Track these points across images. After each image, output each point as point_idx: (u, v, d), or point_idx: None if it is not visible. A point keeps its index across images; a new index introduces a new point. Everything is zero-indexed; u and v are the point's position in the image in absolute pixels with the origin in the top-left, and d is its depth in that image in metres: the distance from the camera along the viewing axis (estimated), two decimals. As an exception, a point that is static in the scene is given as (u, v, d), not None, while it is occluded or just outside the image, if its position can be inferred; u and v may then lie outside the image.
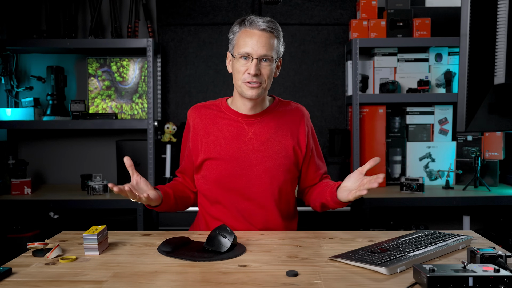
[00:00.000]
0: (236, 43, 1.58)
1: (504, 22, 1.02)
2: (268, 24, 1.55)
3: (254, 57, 1.54)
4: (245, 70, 1.55)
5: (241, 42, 1.55)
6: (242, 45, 1.55)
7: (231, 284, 1.11)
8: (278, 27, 1.59)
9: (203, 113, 1.69)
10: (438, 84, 3.02)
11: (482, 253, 1.14)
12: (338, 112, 3.17)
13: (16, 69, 3.07)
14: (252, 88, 1.56)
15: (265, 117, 1.67)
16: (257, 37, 1.54)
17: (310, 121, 1.76)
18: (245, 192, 1.64)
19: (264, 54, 1.54)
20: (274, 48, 1.57)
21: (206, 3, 3.12)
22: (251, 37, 1.54)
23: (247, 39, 1.54)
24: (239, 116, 1.66)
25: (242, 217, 1.65)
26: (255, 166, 1.63)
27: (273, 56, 1.57)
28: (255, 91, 1.57)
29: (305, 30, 3.13)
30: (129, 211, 2.86)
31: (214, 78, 3.13)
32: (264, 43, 1.54)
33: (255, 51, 1.53)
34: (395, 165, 3.01)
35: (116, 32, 3.01)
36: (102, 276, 1.17)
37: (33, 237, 2.68)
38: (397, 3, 2.94)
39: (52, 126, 2.83)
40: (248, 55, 1.54)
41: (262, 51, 1.53)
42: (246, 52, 1.54)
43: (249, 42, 1.54)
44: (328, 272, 1.19)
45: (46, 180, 3.16)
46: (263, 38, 1.54)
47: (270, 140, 1.65)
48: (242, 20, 1.58)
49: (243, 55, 1.55)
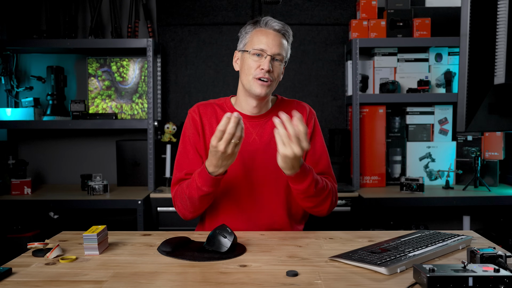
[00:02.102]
0: (250, 40, 1.62)
1: (504, 22, 1.02)
2: (282, 26, 1.62)
3: (268, 53, 1.59)
4: (258, 66, 1.59)
5: (256, 40, 1.61)
6: (256, 42, 1.60)
7: (231, 284, 1.11)
8: (290, 32, 1.66)
9: (208, 112, 1.69)
10: (438, 84, 3.02)
11: (482, 253, 1.14)
12: (338, 112, 3.17)
13: (16, 69, 3.07)
14: (263, 85, 1.59)
15: (269, 117, 1.68)
16: (272, 36, 1.60)
17: (317, 120, 1.75)
18: (249, 194, 1.64)
19: (277, 52, 1.60)
20: (285, 50, 1.63)
21: (206, 3, 3.12)
22: (266, 36, 1.60)
23: (261, 37, 1.60)
24: (243, 117, 1.65)
25: (247, 219, 1.64)
26: (260, 167, 1.64)
27: (284, 57, 1.63)
28: (264, 89, 1.60)
29: (305, 30, 3.13)
30: (129, 211, 2.86)
31: (214, 78, 3.13)
32: (278, 42, 1.60)
33: (270, 49, 1.59)
34: (395, 165, 3.01)
35: (116, 32, 3.01)
36: (102, 276, 1.17)
37: (33, 237, 2.68)
38: (397, 3, 2.94)
39: (52, 126, 2.83)
40: (263, 52, 1.59)
41: (276, 49, 1.59)
42: (261, 48, 1.59)
43: (264, 40, 1.59)
44: (328, 272, 1.19)
45: (46, 180, 3.16)
46: (277, 38, 1.60)
47: (273, 140, 1.64)
48: (256, 20, 1.64)
49: (257, 52, 1.59)
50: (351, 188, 2.82)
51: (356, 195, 2.69)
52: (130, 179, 2.96)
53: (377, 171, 2.95)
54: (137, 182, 2.94)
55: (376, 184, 2.96)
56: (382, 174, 2.96)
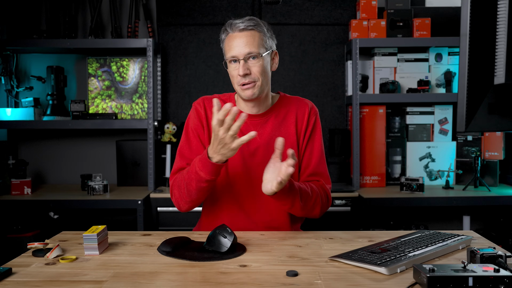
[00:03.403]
0: (225, 49, 1.62)
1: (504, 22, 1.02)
2: (246, 23, 1.58)
3: (240, 58, 1.57)
4: (237, 73, 1.58)
5: (227, 48, 1.60)
6: (227, 50, 1.60)
7: (231, 284, 1.11)
8: (259, 22, 1.61)
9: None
10: (438, 84, 3.02)
11: (482, 253, 1.14)
12: (338, 112, 3.17)
13: (16, 69, 3.07)
14: (247, 88, 1.59)
15: (269, 116, 1.69)
16: (238, 38, 1.57)
17: (319, 118, 1.74)
18: (249, 191, 1.64)
19: (248, 52, 1.56)
20: (259, 44, 1.58)
21: (206, 3, 3.12)
22: (234, 40, 1.58)
23: (230, 43, 1.59)
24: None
25: (246, 216, 1.65)
26: (259, 164, 1.64)
27: (260, 52, 1.58)
28: (250, 91, 1.59)
29: (305, 30, 3.13)
30: (129, 211, 2.86)
31: (214, 78, 3.13)
32: (246, 42, 1.57)
33: (239, 52, 1.57)
34: (395, 165, 3.01)
35: (116, 32, 3.01)
36: (102, 276, 1.17)
37: (33, 237, 2.68)
38: (397, 3, 2.94)
39: (52, 126, 2.83)
40: (235, 58, 1.58)
41: (245, 50, 1.56)
42: (232, 55, 1.58)
43: (233, 45, 1.58)
44: (328, 272, 1.19)
45: (46, 180, 3.16)
46: (244, 38, 1.57)
47: (273, 138, 1.65)
48: (224, 27, 1.62)
49: (231, 60, 1.59)
50: (351, 188, 2.82)
51: (356, 195, 2.69)
52: (130, 179, 2.96)
53: (377, 171, 2.95)
54: (137, 182, 2.94)
55: (376, 184, 2.96)
56: (382, 174, 2.96)
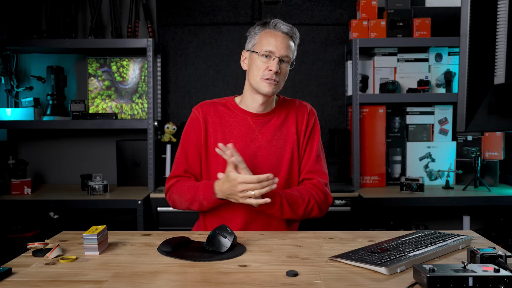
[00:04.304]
0: (259, 41, 1.66)
1: (504, 22, 1.02)
2: (290, 29, 1.67)
3: (277, 55, 1.63)
4: (266, 67, 1.64)
5: (265, 41, 1.65)
6: (265, 44, 1.64)
7: (231, 284, 1.11)
8: (297, 34, 1.70)
9: (212, 111, 1.73)
10: (438, 84, 3.01)
11: (482, 253, 1.14)
12: (338, 112, 3.17)
13: (16, 69, 3.07)
14: (270, 84, 1.64)
15: (272, 116, 1.73)
16: (281, 39, 1.64)
17: (317, 120, 1.79)
18: None
19: (285, 54, 1.64)
20: (293, 52, 1.69)
21: (206, 3, 3.12)
22: (275, 38, 1.64)
23: (270, 39, 1.64)
24: (247, 115, 1.72)
25: (245, 216, 1.66)
26: (261, 163, 1.68)
27: (291, 58, 1.68)
28: (271, 88, 1.64)
29: (305, 30, 3.13)
30: (129, 211, 2.86)
31: (214, 78, 3.13)
32: (287, 45, 1.65)
33: (278, 51, 1.63)
34: (395, 165, 3.01)
35: (116, 32, 3.01)
36: (102, 276, 1.17)
37: (33, 237, 2.68)
38: (397, 3, 2.94)
39: (52, 126, 2.83)
40: (271, 54, 1.63)
41: (284, 51, 1.64)
42: (270, 50, 1.63)
43: (273, 42, 1.63)
44: (328, 272, 1.19)
45: (46, 180, 3.16)
46: (285, 40, 1.65)
47: (275, 138, 1.71)
48: (265, 22, 1.68)
49: (266, 53, 1.64)
50: (351, 188, 2.82)
51: (356, 195, 2.69)
52: (130, 179, 2.96)
53: (377, 171, 2.95)
54: (137, 182, 2.94)
55: (376, 184, 2.96)
56: (382, 174, 2.96)
